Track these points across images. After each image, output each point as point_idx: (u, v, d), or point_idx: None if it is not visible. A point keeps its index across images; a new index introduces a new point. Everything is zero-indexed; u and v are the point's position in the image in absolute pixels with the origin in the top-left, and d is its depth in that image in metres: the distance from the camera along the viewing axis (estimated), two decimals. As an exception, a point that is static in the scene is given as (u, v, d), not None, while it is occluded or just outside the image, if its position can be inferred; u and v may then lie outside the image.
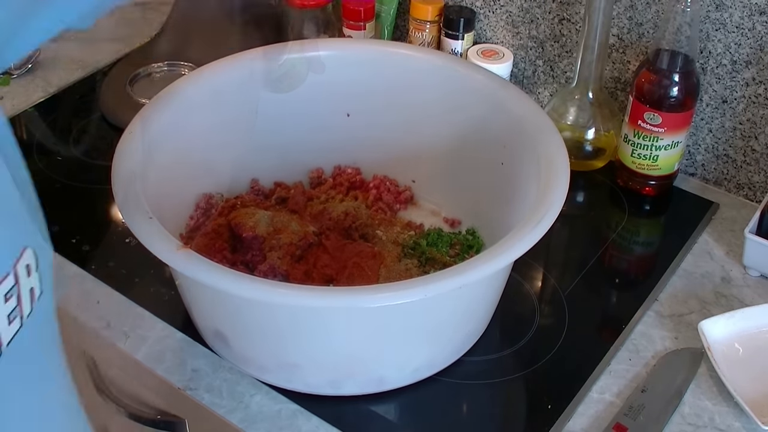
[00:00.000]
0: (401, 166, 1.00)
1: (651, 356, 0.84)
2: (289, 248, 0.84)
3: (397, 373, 0.79)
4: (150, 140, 0.81)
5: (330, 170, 1.02)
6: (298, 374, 0.78)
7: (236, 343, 0.79)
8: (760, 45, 0.94)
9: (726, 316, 0.84)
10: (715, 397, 0.80)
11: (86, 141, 1.12)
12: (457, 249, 0.90)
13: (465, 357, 0.83)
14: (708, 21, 0.96)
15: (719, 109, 1.01)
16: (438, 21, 1.10)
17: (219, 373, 0.81)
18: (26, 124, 1.15)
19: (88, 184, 1.04)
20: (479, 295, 0.79)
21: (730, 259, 0.95)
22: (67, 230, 0.97)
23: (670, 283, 0.92)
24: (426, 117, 0.95)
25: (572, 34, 1.07)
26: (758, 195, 1.02)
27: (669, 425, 0.78)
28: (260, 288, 0.67)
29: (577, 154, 1.04)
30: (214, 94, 0.90)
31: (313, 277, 0.83)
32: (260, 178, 0.99)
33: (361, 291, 0.70)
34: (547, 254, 0.95)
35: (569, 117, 1.04)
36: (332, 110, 0.97)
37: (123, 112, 1.07)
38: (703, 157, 1.05)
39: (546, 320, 0.88)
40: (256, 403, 0.79)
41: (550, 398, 0.80)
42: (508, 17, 1.11)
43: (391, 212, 0.97)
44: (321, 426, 0.77)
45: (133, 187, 0.75)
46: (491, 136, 0.89)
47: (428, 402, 0.79)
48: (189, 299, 0.81)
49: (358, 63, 0.95)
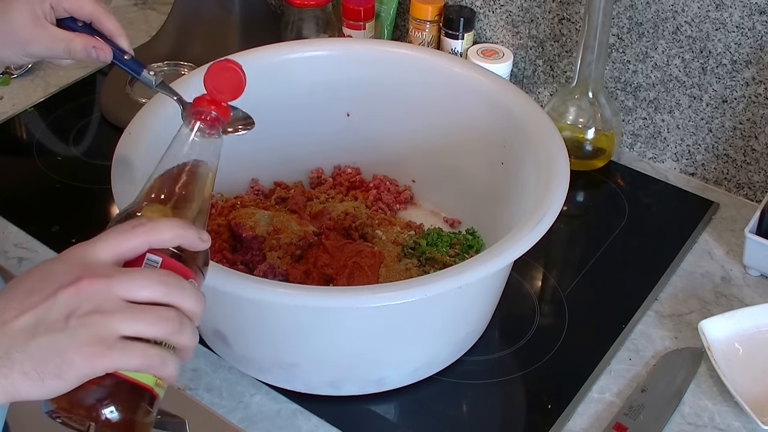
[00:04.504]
0: (401, 166, 1.00)
1: (651, 356, 0.84)
2: (288, 248, 0.84)
3: (397, 373, 0.79)
4: (150, 140, 0.81)
5: (330, 170, 1.02)
6: (297, 374, 0.78)
7: (236, 343, 0.79)
8: (760, 45, 0.94)
9: (726, 315, 0.84)
10: (715, 396, 0.80)
11: (86, 141, 1.12)
12: (457, 249, 0.90)
13: (465, 357, 0.83)
14: (708, 21, 0.96)
15: (719, 109, 1.01)
16: (438, 21, 1.10)
17: (219, 373, 0.81)
18: (26, 124, 1.15)
19: (88, 184, 1.04)
20: (479, 295, 0.79)
21: (730, 259, 0.95)
22: (67, 230, 0.97)
23: (670, 283, 0.92)
24: (426, 117, 0.95)
25: (572, 33, 1.07)
26: (758, 195, 1.02)
27: (669, 425, 0.78)
28: (260, 288, 0.67)
29: (577, 154, 1.04)
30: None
31: (312, 277, 0.83)
32: (260, 178, 0.99)
33: (361, 291, 0.70)
34: (547, 254, 0.95)
35: (569, 117, 1.04)
36: (332, 110, 0.97)
37: (123, 112, 1.07)
38: (703, 157, 1.05)
39: (546, 320, 0.88)
40: (255, 403, 0.79)
41: (550, 398, 0.80)
42: (508, 17, 1.11)
43: (391, 212, 0.97)
44: (321, 426, 0.77)
45: (133, 188, 0.75)
46: (491, 136, 0.89)
47: (428, 402, 0.79)
48: (189, 299, 0.81)
49: (358, 63, 0.95)
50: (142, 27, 1.33)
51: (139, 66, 0.75)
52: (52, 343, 0.49)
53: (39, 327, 0.50)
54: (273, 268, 0.83)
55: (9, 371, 0.49)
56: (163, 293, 0.53)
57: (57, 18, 0.75)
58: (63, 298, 0.51)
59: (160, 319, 0.52)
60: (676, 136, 1.06)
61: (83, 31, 0.75)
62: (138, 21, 1.35)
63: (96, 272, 0.52)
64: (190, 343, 0.54)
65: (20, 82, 1.21)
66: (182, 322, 0.53)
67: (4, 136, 1.13)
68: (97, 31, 0.75)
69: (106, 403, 0.51)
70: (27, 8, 0.73)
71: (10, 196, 1.03)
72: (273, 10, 1.30)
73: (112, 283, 0.51)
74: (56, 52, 0.74)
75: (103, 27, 0.75)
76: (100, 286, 0.51)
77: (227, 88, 0.64)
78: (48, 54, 0.75)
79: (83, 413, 0.51)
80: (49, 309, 0.50)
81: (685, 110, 1.03)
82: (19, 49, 0.75)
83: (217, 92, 0.64)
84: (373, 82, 0.95)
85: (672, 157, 1.07)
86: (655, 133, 1.07)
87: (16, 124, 1.14)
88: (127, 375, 0.52)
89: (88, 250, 0.54)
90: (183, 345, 0.54)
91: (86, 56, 0.74)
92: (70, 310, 0.50)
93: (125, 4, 1.41)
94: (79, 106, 1.18)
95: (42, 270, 0.53)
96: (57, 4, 0.74)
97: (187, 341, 0.53)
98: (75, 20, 0.75)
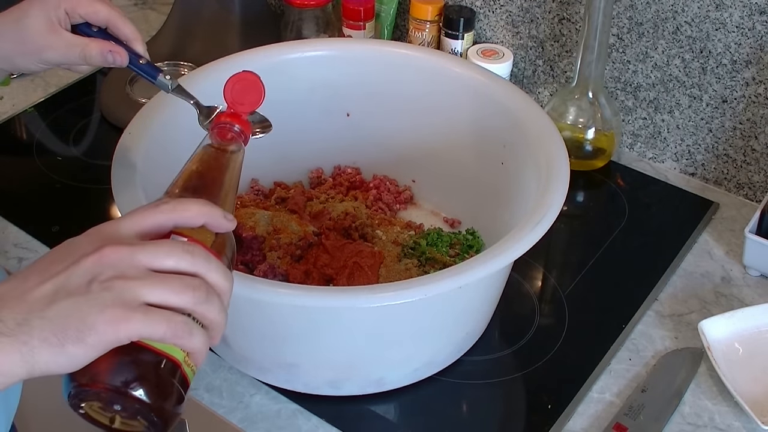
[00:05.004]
0: (401, 166, 1.00)
1: (651, 356, 0.84)
2: (288, 248, 0.84)
3: (397, 373, 0.79)
4: (150, 140, 0.81)
5: (330, 170, 1.02)
6: (297, 374, 0.78)
7: (236, 343, 0.79)
8: (760, 45, 0.94)
9: (726, 315, 0.84)
10: (715, 396, 0.80)
11: (86, 141, 1.12)
12: (457, 249, 0.90)
13: (465, 357, 0.83)
14: (708, 21, 0.96)
15: (719, 109, 1.01)
16: (438, 21, 1.10)
17: (219, 373, 0.81)
18: (26, 124, 1.15)
19: (88, 184, 1.04)
20: (479, 295, 0.79)
21: (730, 259, 0.95)
22: (67, 230, 0.96)
23: (670, 283, 0.92)
24: (426, 117, 0.95)
25: (572, 34, 1.07)
26: (758, 195, 1.02)
27: (669, 425, 0.78)
28: (260, 288, 0.67)
29: (577, 154, 1.04)
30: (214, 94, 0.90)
31: (312, 277, 0.83)
32: (260, 178, 0.99)
33: (361, 291, 0.70)
34: (547, 254, 0.95)
35: (569, 117, 1.04)
36: (332, 110, 0.97)
37: (123, 112, 1.07)
38: (703, 157, 1.05)
39: (546, 320, 0.88)
40: (255, 403, 0.79)
41: (550, 398, 0.80)
42: (508, 17, 1.11)
43: (391, 212, 0.97)
44: (320, 426, 0.77)
45: (133, 187, 0.75)
46: (491, 136, 0.89)
47: (428, 402, 0.79)
48: (189, 299, 0.81)
49: (358, 63, 0.95)
50: (142, 27, 1.33)
51: (155, 70, 0.75)
52: (72, 307, 0.48)
53: (59, 293, 0.48)
54: (273, 268, 0.83)
55: (29, 338, 0.47)
56: (189, 262, 0.51)
57: (72, 24, 0.75)
58: (85, 265, 0.49)
59: (186, 287, 0.50)
60: (676, 136, 1.06)
61: (98, 37, 0.74)
62: (138, 21, 1.35)
63: (120, 241, 0.51)
64: (218, 317, 0.52)
65: (20, 82, 1.21)
66: (209, 293, 0.51)
67: (4, 136, 1.13)
68: (112, 36, 0.75)
69: (131, 379, 0.49)
70: (42, 15, 0.73)
71: (10, 196, 1.03)
72: (273, 10, 1.30)
73: (136, 251, 0.50)
74: (72, 58, 0.74)
75: (120, 32, 0.75)
76: (123, 253, 0.50)
77: (247, 99, 0.65)
78: (63, 60, 0.75)
79: (107, 388, 0.48)
80: (69, 276, 0.49)
81: (685, 110, 1.03)
82: (34, 56, 0.74)
83: (237, 104, 0.65)
84: (373, 82, 0.95)
85: (672, 157, 1.07)
86: (655, 133, 1.07)
87: (16, 124, 1.15)
88: (153, 345, 0.49)
89: (112, 226, 0.53)
90: (211, 318, 0.51)
91: (102, 61, 0.74)
92: (93, 276, 0.49)
93: (125, 4, 1.41)
94: (79, 106, 1.18)
95: (64, 244, 0.52)
96: (72, 10, 0.73)
97: (215, 314, 0.51)
98: (90, 26, 0.75)
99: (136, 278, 0.49)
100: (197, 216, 0.54)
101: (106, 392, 0.48)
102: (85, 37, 0.74)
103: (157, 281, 0.49)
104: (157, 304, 0.49)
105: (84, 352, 0.47)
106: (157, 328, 0.48)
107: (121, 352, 0.48)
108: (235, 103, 0.65)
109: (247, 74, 0.65)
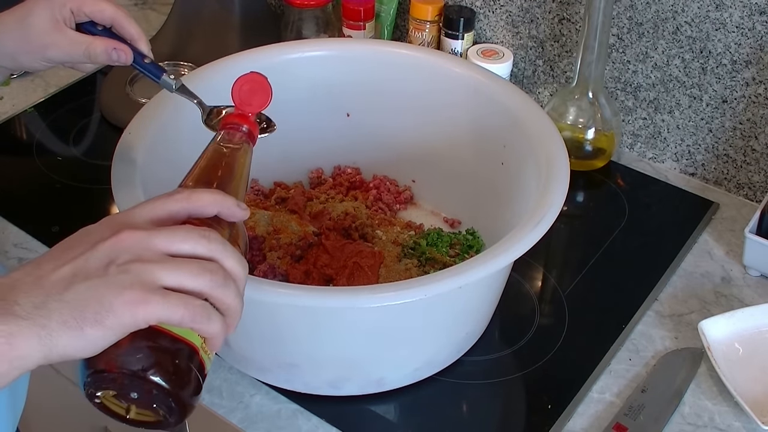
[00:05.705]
0: (401, 166, 1.00)
1: (651, 356, 0.84)
2: (288, 248, 0.84)
3: (397, 373, 0.79)
4: (150, 140, 0.81)
5: (330, 170, 1.02)
6: (297, 374, 0.78)
7: (236, 343, 0.79)
8: (760, 45, 0.94)
9: (726, 315, 0.84)
10: (715, 397, 0.80)
11: (86, 141, 1.12)
12: (457, 249, 0.90)
13: (465, 357, 0.83)
14: (708, 21, 0.96)
15: (719, 109, 1.01)
16: (438, 21, 1.10)
17: (219, 373, 0.81)
18: (26, 124, 1.15)
19: (88, 184, 1.04)
20: (479, 295, 0.79)
21: (730, 259, 0.95)
22: (67, 230, 0.95)
23: (670, 283, 0.92)
24: (426, 117, 0.95)
25: (572, 34, 1.07)
26: (758, 195, 1.02)
27: (669, 425, 0.78)
28: (260, 288, 0.67)
29: (577, 154, 1.04)
30: (214, 93, 0.90)
31: (312, 277, 0.83)
32: (260, 178, 0.99)
33: (361, 291, 0.70)
34: (547, 254, 0.95)
35: (569, 117, 1.04)
36: (332, 110, 0.97)
37: (123, 112, 1.07)
38: (703, 157, 1.05)
39: (546, 320, 0.88)
40: (255, 403, 0.79)
41: (550, 398, 0.80)
42: (508, 17, 1.11)
43: (391, 212, 0.97)
44: (321, 426, 0.77)
45: (133, 187, 0.75)
46: (491, 136, 0.89)
47: (428, 402, 0.79)
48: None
49: (358, 63, 0.95)
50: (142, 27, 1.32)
51: (159, 70, 0.75)
52: (90, 289, 0.48)
53: (77, 276, 0.48)
54: (273, 268, 0.83)
55: (47, 321, 0.47)
56: (205, 247, 0.51)
57: (77, 22, 0.75)
58: (102, 249, 0.50)
59: (204, 270, 0.50)
60: (676, 136, 1.06)
61: (103, 36, 0.74)
62: (138, 21, 1.33)
63: (136, 226, 0.51)
64: (234, 302, 0.52)
65: (20, 82, 1.21)
66: (226, 277, 0.51)
67: (4, 136, 1.13)
68: (117, 35, 0.75)
69: (149, 364, 0.48)
70: (47, 13, 0.73)
71: (10, 196, 1.03)
72: (273, 10, 1.30)
73: (152, 235, 0.50)
74: (76, 56, 0.74)
75: (125, 31, 0.75)
76: (140, 237, 0.50)
77: (255, 100, 0.66)
78: (67, 58, 0.75)
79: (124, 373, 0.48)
80: (87, 259, 0.49)
81: (685, 110, 1.03)
82: (38, 54, 0.74)
83: (245, 105, 0.66)
84: (373, 82, 0.95)
85: (672, 157, 1.07)
86: (655, 133, 1.07)
87: (16, 124, 1.15)
88: (170, 330, 0.49)
89: (127, 214, 0.53)
90: (228, 303, 0.51)
91: (107, 59, 0.74)
92: (110, 259, 0.49)
93: (125, 4, 1.41)
94: (79, 106, 1.18)
95: (79, 232, 0.52)
96: (78, 8, 0.73)
97: (231, 299, 0.51)
98: (94, 24, 0.75)
99: (154, 261, 0.49)
100: (211, 205, 0.55)
101: (123, 377, 0.48)
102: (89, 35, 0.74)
103: (174, 264, 0.50)
104: (174, 288, 0.49)
105: (102, 334, 0.47)
106: (175, 310, 0.48)
107: (138, 336, 0.48)
108: (243, 103, 0.66)
109: (255, 75, 0.66)
